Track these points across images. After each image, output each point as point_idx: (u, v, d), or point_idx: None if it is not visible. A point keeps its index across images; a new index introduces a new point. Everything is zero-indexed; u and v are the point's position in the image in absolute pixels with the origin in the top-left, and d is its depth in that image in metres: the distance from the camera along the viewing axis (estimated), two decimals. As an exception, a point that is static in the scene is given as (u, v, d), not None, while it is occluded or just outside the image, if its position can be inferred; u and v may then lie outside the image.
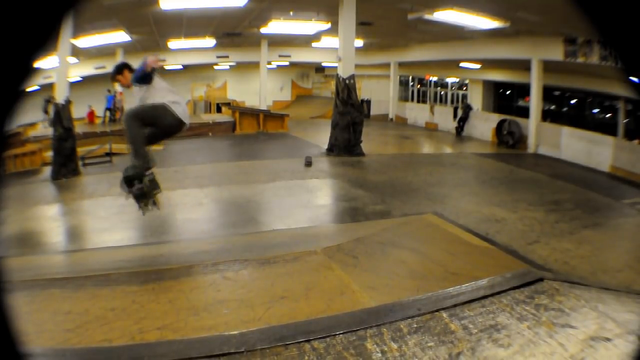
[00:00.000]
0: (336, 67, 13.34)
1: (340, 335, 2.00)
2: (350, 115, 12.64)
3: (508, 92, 22.74)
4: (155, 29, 17.06)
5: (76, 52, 17.31)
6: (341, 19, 12.81)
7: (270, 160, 12.23)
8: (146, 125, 4.58)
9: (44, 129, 19.96)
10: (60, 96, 11.66)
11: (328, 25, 15.66)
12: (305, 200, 8.24)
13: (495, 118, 17.64)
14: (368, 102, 25.46)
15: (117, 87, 22.08)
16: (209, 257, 5.00)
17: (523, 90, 19.37)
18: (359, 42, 19.01)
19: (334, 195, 8.94)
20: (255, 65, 24.08)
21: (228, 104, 25.65)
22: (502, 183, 10.22)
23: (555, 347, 1.94)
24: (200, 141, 17.11)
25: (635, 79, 1.00)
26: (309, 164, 11.10)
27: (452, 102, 25.80)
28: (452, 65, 20.85)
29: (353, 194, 8.50)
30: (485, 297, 2.34)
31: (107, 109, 22.15)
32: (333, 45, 16.51)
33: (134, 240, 6.50)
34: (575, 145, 13.78)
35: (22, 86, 0.91)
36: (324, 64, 27.96)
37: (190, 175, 10.11)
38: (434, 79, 27.08)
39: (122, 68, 4.78)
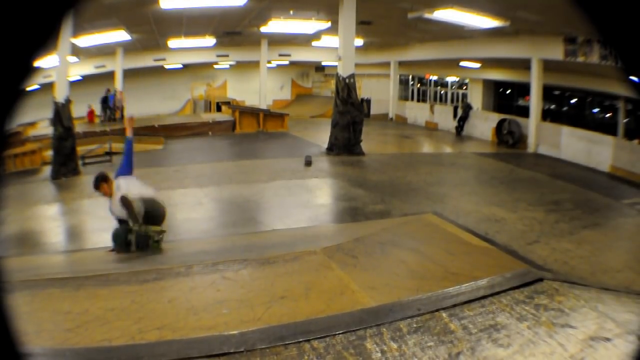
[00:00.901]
0: (336, 66, 13.34)
1: (340, 335, 2.00)
2: (350, 115, 12.64)
3: (508, 92, 22.74)
4: (155, 28, 17.06)
5: (76, 51, 17.31)
6: (341, 18, 12.81)
7: (270, 160, 12.23)
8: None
9: (101, 125, 20.16)
10: (60, 95, 11.65)
11: (328, 24, 15.66)
12: (305, 199, 8.24)
13: (495, 117, 17.64)
14: (368, 101, 25.46)
15: (117, 87, 22.08)
16: (208, 256, 5.00)
17: (523, 89, 19.37)
18: (359, 41, 19.01)
19: (334, 194, 8.95)
20: (255, 64, 24.08)
21: (228, 103, 25.67)
22: (502, 183, 10.22)
23: (555, 347, 1.94)
24: (200, 140, 17.11)
25: (635, 79, 1.00)
26: (308, 163, 11.10)
27: (452, 101, 25.79)
28: (452, 64, 20.85)
29: (353, 194, 8.50)
30: (484, 297, 2.33)
31: (112, 108, 22.18)
32: (333, 44, 16.52)
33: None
34: (575, 145, 13.78)
35: (22, 85, 0.91)
36: (324, 63, 27.98)
37: (190, 175, 10.11)
38: (434, 78, 27.08)
39: (99, 181, 5.19)
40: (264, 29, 17.44)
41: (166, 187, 9.30)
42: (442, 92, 27.29)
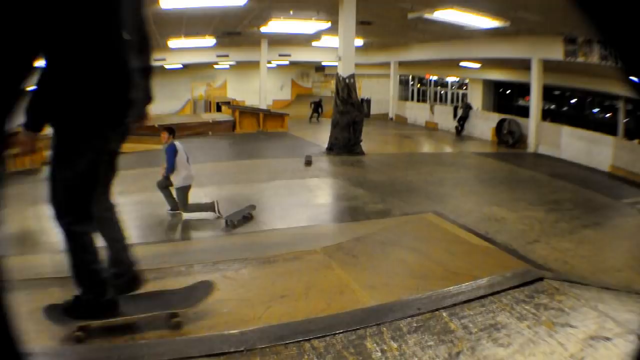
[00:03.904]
0: (336, 66, 13.33)
1: (340, 334, 2.00)
2: (350, 115, 12.63)
3: (508, 92, 22.76)
4: (155, 28, 17.05)
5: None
6: (341, 18, 12.81)
7: (270, 160, 12.22)
8: None
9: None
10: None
11: (328, 25, 15.65)
12: (305, 199, 8.24)
13: (495, 117, 17.64)
14: (368, 101, 25.45)
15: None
16: (209, 256, 5.00)
17: (523, 89, 19.38)
18: (359, 41, 18.99)
19: (334, 194, 8.94)
20: (255, 64, 24.07)
21: (228, 103, 25.65)
22: (502, 182, 10.21)
23: (555, 347, 1.94)
24: (200, 140, 17.09)
25: (635, 79, 1.00)
26: (309, 163, 11.09)
27: (452, 101, 25.80)
28: (452, 64, 20.85)
29: (353, 193, 8.50)
30: (485, 296, 2.34)
31: None
32: (333, 45, 16.50)
33: (134, 239, 6.46)
34: (576, 145, 13.78)
35: (22, 85, 0.91)
36: (324, 63, 27.95)
37: (190, 175, 10.10)
38: (434, 78, 27.08)
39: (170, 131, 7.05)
40: (264, 29, 17.42)
41: (166, 187, 9.29)
42: (442, 92, 27.29)
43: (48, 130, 2.68)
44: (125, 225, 6.47)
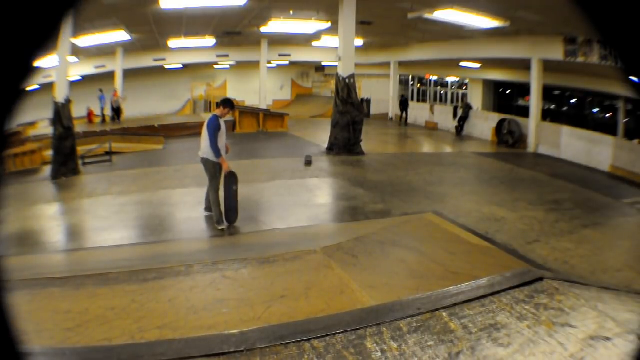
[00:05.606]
0: (336, 66, 13.33)
1: (340, 334, 2.00)
2: (350, 115, 12.63)
3: (508, 92, 22.77)
4: (155, 28, 17.06)
5: (76, 51, 17.31)
6: (341, 18, 12.81)
7: (270, 159, 12.23)
8: None
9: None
10: (60, 95, 11.65)
11: (328, 25, 15.66)
12: (305, 199, 8.24)
13: (495, 117, 17.64)
14: (368, 101, 25.46)
15: (117, 87, 22.06)
16: (208, 256, 5.01)
17: (523, 89, 19.40)
18: (359, 41, 19.01)
19: (334, 194, 8.94)
20: (255, 64, 24.09)
21: (228, 103, 25.64)
22: (502, 182, 10.21)
23: (555, 347, 1.94)
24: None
25: (635, 79, 1.00)
26: (308, 163, 11.09)
27: (452, 101, 25.82)
28: (452, 64, 20.87)
29: (353, 193, 8.50)
30: (485, 296, 2.33)
31: (103, 108, 22.16)
32: (333, 45, 16.52)
33: (134, 239, 6.50)
34: (575, 145, 13.78)
35: (22, 85, 0.91)
36: (324, 63, 27.97)
37: (190, 174, 10.09)
38: (434, 78, 27.10)
39: (228, 104, 6.77)
40: (264, 29, 17.44)
41: (166, 186, 9.30)
42: (442, 92, 27.31)
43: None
44: (127, 225, 6.48)
